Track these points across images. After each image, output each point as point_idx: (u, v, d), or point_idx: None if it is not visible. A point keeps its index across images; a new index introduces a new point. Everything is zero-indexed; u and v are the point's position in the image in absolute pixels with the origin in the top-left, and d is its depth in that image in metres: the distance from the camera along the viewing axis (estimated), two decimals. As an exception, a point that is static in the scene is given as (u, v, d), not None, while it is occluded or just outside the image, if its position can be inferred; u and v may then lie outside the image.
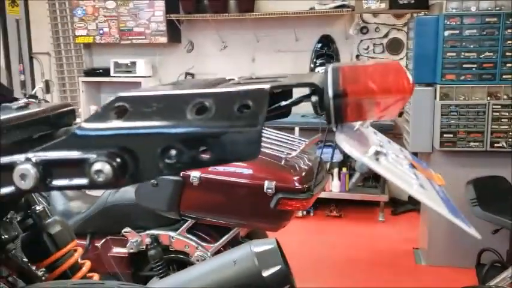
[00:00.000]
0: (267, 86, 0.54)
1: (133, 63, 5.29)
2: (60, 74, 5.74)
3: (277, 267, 0.74)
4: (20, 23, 5.71)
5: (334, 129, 0.58)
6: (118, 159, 0.53)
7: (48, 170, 0.55)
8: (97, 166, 0.53)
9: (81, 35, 5.43)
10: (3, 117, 0.64)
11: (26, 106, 0.70)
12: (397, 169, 0.57)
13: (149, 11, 5.17)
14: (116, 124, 0.54)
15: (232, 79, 0.64)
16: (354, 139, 0.58)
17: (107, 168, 0.53)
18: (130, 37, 5.29)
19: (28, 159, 0.55)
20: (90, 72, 5.52)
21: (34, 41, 5.85)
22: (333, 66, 0.56)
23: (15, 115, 0.66)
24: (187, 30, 5.42)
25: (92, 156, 0.54)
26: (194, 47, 5.45)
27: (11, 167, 0.56)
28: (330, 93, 0.55)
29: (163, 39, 5.21)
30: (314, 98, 0.58)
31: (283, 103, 0.63)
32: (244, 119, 0.52)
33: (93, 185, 0.54)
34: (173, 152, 0.53)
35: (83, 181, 0.55)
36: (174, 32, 5.30)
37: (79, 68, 5.67)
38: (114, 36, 5.33)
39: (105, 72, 5.39)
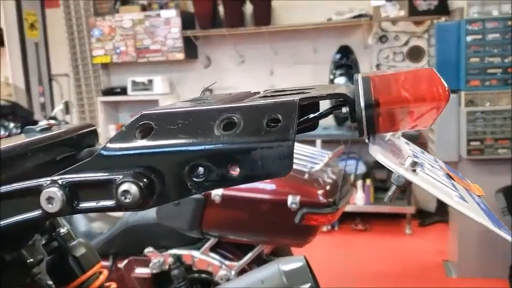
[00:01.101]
0: (296, 99, 0.52)
1: (151, 81, 5.31)
2: (78, 94, 5.79)
3: (307, 285, 0.71)
4: (39, 45, 5.80)
5: (367, 140, 0.56)
6: (145, 180, 0.52)
7: (74, 193, 0.55)
8: (124, 187, 0.52)
9: (99, 55, 5.48)
10: (27, 140, 0.63)
11: (49, 128, 0.69)
12: (435, 180, 0.55)
13: (165, 28, 5.20)
14: (142, 143, 0.53)
15: (258, 92, 0.62)
16: (387, 150, 0.55)
17: (133, 189, 0.51)
18: (147, 55, 5.32)
19: (54, 182, 0.55)
20: (108, 91, 5.56)
21: (53, 63, 5.93)
22: (362, 75, 0.54)
23: (39, 137, 0.65)
24: (204, 45, 5.44)
25: (118, 177, 0.53)
26: (211, 62, 5.45)
27: (37, 190, 0.55)
28: (362, 103, 0.53)
29: (180, 56, 5.22)
30: (345, 109, 0.57)
31: (312, 115, 0.61)
32: (275, 133, 0.50)
33: (120, 207, 0.53)
34: (201, 170, 0.52)
35: (110, 203, 0.54)
36: (190, 48, 5.31)
37: (97, 88, 5.72)
38: (131, 55, 5.36)
39: (123, 91, 5.42)
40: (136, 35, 5.31)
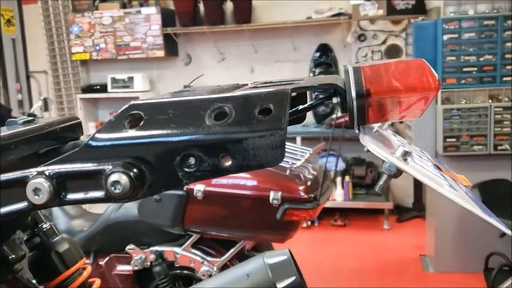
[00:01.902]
0: (288, 88, 0.51)
1: (131, 79, 5.27)
2: (57, 91, 5.72)
3: (292, 279, 0.71)
4: (16, 42, 5.71)
5: (357, 131, 0.56)
6: (135, 170, 0.51)
7: (62, 184, 0.53)
8: (113, 177, 0.50)
9: (78, 52, 5.42)
10: (10, 132, 0.61)
11: (32, 121, 0.67)
12: (426, 170, 0.56)
13: (145, 25, 5.17)
14: (131, 133, 0.52)
15: (246, 84, 0.62)
16: (378, 141, 0.56)
17: (124, 179, 0.50)
18: (127, 52, 5.29)
19: (41, 173, 0.53)
20: (88, 88, 5.51)
21: (31, 60, 5.85)
22: (353, 66, 0.54)
23: (22, 129, 0.63)
24: (185, 43, 5.42)
25: (108, 167, 0.51)
26: (192, 60, 5.44)
27: (23, 182, 0.53)
28: (353, 93, 0.53)
29: (161, 53, 5.20)
30: (335, 100, 0.57)
31: (301, 107, 0.60)
32: (267, 123, 0.49)
33: (109, 198, 0.51)
34: (192, 160, 0.51)
35: (99, 194, 0.52)
36: (171, 46, 5.29)
37: (76, 85, 5.66)
38: (111, 52, 5.32)
39: (103, 88, 5.38)
40: (116, 32, 5.26)
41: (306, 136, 4.44)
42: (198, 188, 1.94)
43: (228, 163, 0.51)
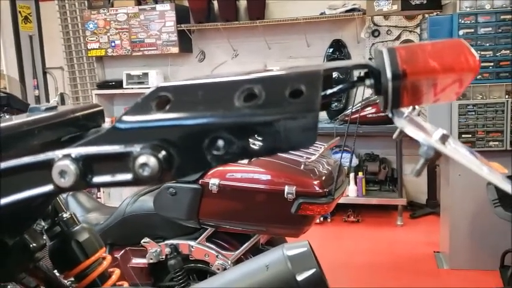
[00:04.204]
0: (320, 68, 0.49)
1: (146, 75, 5.30)
2: (73, 87, 5.78)
3: (312, 271, 0.71)
4: (33, 38, 5.78)
5: (390, 115, 0.54)
6: (163, 152, 0.50)
7: (88, 166, 0.52)
8: (142, 159, 0.49)
9: (93, 48, 5.47)
10: (33, 117, 0.61)
11: (54, 107, 0.67)
12: (464, 153, 0.53)
13: (160, 21, 5.20)
14: (159, 116, 0.50)
15: (271, 70, 0.62)
16: (412, 124, 0.54)
17: (152, 161, 0.49)
18: (141, 48, 5.32)
19: (67, 156, 0.52)
20: (103, 84, 5.55)
21: (47, 56, 5.91)
22: (387, 47, 0.52)
23: (44, 115, 0.63)
24: (199, 39, 5.44)
25: (136, 149, 0.50)
26: (206, 56, 5.46)
27: (48, 164, 0.52)
28: (389, 74, 0.50)
29: (175, 50, 5.23)
30: (368, 82, 0.54)
31: (329, 91, 0.58)
32: (299, 104, 0.48)
33: (137, 181, 0.50)
34: (221, 142, 0.50)
35: (127, 176, 0.51)
36: (185, 42, 5.32)
37: (92, 81, 5.71)
38: (126, 48, 5.36)
39: (118, 84, 5.41)
40: (131, 28, 5.30)
41: (319, 132, 4.36)
42: (213, 181, 1.96)
43: (258, 145, 0.50)
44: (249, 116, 0.49)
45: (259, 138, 0.49)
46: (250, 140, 0.50)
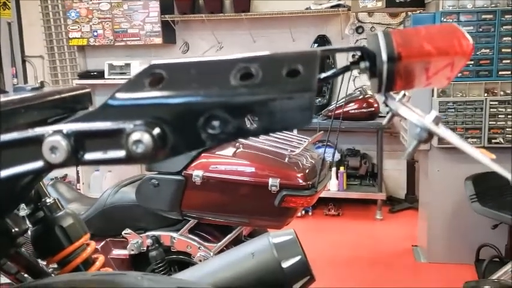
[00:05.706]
0: (318, 50, 0.50)
1: (128, 65, 5.25)
2: (54, 77, 5.70)
3: (297, 258, 0.72)
4: (12, 25, 5.66)
5: (383, 98, 0.55)
6: (158, 129, 0.49)
7: (80, 142, 0.50)
8: (135, 136, 0.48)
9: (75, 38, 5.39)
10: (18, 96, 0.59)
11: (40, 87, 0.65)
12: (456, 136, 0.55)
13: (144, 12, 5.15)
14: (153, 93, 0.49)
15: None
16: (405, 107, 0.55)
17: (146, 138, 0.48)
18: (124, 39, 5.26)
19: (58, 131, 0.50)
20: (85, 74, 5.48)
21: (27, 44, 5.80)
22: (382, 31, 0.53)
23: (30, 95, 0.61)
24: (183, 30, 5.41)
25: (129, 126, 0.49)
26: (190, 47, 5.43)
27: (38, 140, 0.50)
28: (384, 56, 0.51)
29: (158, 40, 5.18)
30: (363, 64, 0.54)
31: (323, 75, 0.57)
32: (296, 84, 0.48)
33: (131, 158, 0.49)
34: (216, 121, 0.49)
35: (120, 153, 0.49)
36: (169, 33, 5.28)
37: (73, 71, 5.64)
38: (108, 38, 5.30)
39: (100, 74, 5.35)
40: (114, 18, 5.24)
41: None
42: (197, 173, 1.95)
43: (254, 124, 0.49)
44: (245, 95, 0.48)
45: (255, 118, 0.49)
46: (246, 119, 0.49)
